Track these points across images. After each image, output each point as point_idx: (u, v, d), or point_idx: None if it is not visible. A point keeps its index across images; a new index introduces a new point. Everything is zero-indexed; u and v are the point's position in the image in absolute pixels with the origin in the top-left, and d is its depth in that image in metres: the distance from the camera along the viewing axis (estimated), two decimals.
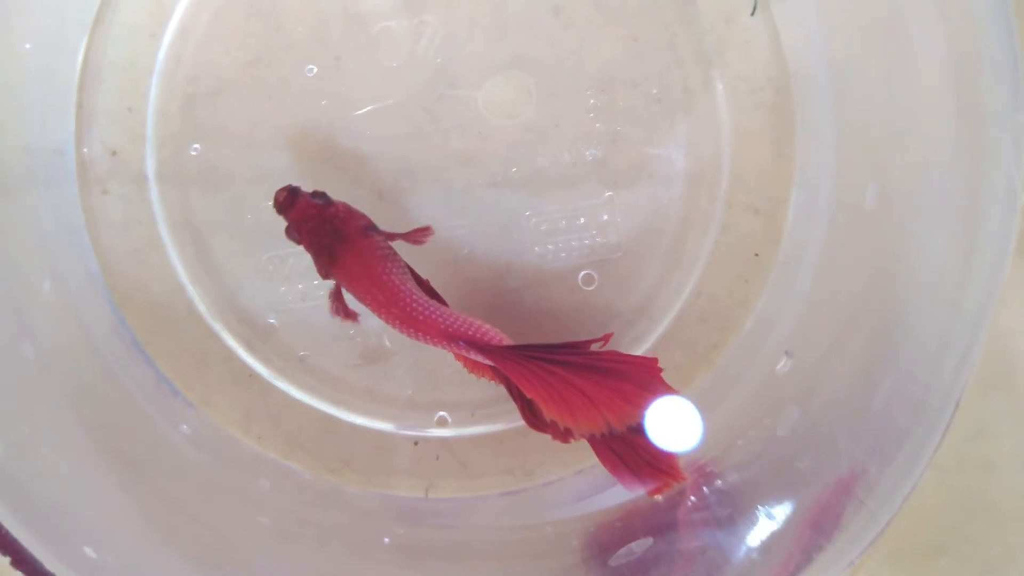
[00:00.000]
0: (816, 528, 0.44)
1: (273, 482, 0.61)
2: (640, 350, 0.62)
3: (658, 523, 0.54)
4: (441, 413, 0.62)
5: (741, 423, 0.54)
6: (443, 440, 0.63)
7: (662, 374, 0.50)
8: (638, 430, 0.50)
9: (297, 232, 0.54)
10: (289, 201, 0.54)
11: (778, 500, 0.46)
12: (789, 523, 0.45)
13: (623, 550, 0.51)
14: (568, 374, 0.50)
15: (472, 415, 0.62)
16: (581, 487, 0.61)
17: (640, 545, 0.51)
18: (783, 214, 0.60)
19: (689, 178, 0.61)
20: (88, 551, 0.49)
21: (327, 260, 0.54)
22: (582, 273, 0.61)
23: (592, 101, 0.61)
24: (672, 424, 0.50)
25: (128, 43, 0.61)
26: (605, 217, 0.60)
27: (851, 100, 0.56)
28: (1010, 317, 0.61)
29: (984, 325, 0.42)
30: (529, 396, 0.51)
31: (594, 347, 0.52)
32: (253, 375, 0.62)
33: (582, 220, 0.60)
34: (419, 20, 0.60)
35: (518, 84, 0.61)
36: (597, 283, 0.61)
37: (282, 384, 0.62)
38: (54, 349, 0.57)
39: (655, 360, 0.50)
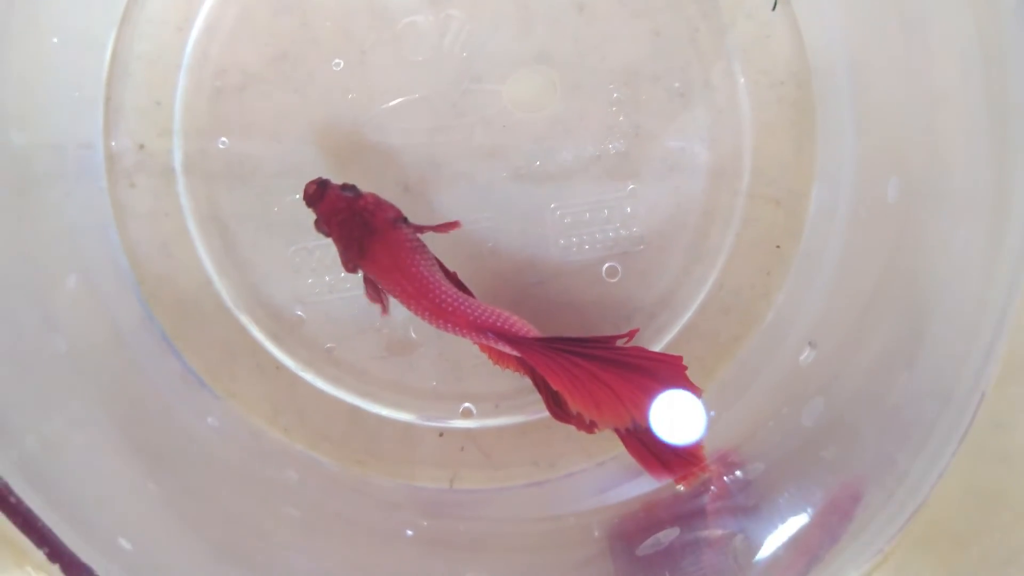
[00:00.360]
0: (844, 515, 0.45)
1: (300, 474, 0.62)
2: (662, 342, 0.62)
3: (683, 512, 0.55)
4: (466, 404, 0.63)
5: (764, 414, 0.55)
6: (468, 431, 0.63)
7: (687, 372, 0.51)
8: None
9: (327, 225, 0.55)
10: (319, 194, 0.55)
11: (804, 489, 0.47)
12: (815, 512, 0.46)
13: (650, 540, 0.52)
14: (594, 367, 0.51)
15: (496, 406, 0.63)
16: (604, 478, 0.62)
17: (667, 535, 0.52)
18: (804, 207, 0.61)
19: (711, 171, 0.61)
20: (123, 542, 0.50)
21: (357, 253, 0.54)
22: (605, 265, 0.61)
23: (615, 95, 0.61)
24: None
25: (155, 38, 0.61)
26: (628, 210, 0.61)
27: (872, 94, 0.57)
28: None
29: (1010, 316, 0.43)
30: (555, 388, 0.52)
31: (619, 343, 0.53)
32: (280, 367, 0.63)
33: (606, 212, 0.61)
34: (445, 15, 0.61)
35: (542, 78, 0.61)
36: (620, 275, 0.62)
37: (308, 376, 0.63)
38: (83, 342, 0.58)
39: (680, 358, 0.51)
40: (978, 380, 0.44)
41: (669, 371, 0.51)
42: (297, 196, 0.57)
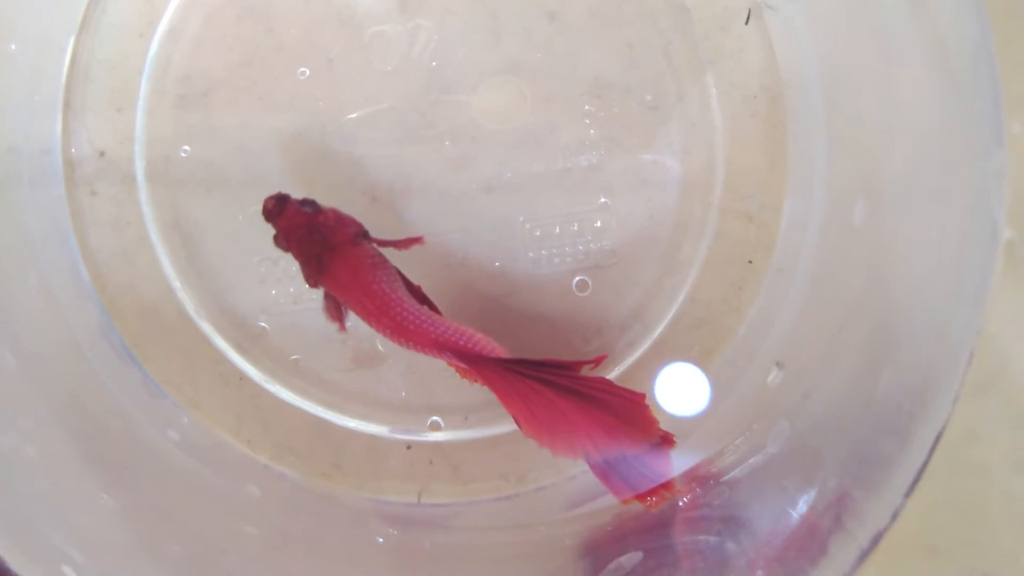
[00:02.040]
0: (802, 551, 0.44)
1: (262, 487, 0.61)
2: (634, 355, 0.62)
3: (652, 524, 0.55)
4: (434, 418, 0.62)
5: (732, 435, 0.55)
6: (436, 444, 0.62)
7: (649, 412, 0.50)
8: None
9: (286, 240, 0.54)
10: (277, 209, 0.53)
11: (767, 519, 0.47)
12: (775, 543, 0.45)
13: (612, 565, 0.51)
14: (554, 396, 0.50)
15: (465, 419, 0.62)
16: (575, 492, 0.62)
17: (630, 559, 0.51)
18: (776, 222, 0.60)
19: (683, 185, 0.61)
20: (76, 557, 0.49)
21: (316, 269, 0.53)
22: (576, 279, 0.61)
23: (587, 107, 0.60)
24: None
25: (117, 43, 0.60)
26: (599, 223, 0.60)
27: (842, 111, 0.56)
28: (999, 321, 0.61)
29: (967, 353, 0.42)
30: (510, 412, 0.51)
31: (585, 369, 0.52)
32: (244, 378, 0.62)
33: (576, 226, 0.60)
34: (414, 24, 0.60)
35: (513, 89, 0.60)
36: (591, 289, 0.61)
37: (273, 387, 0.62)
38: (39, 353, 0.56)
39: (643, 396, 0.50)
40: (935, 419, 0.43)
41: (629, 409, 0.50)
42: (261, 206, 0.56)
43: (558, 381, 0.51)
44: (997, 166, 0.41)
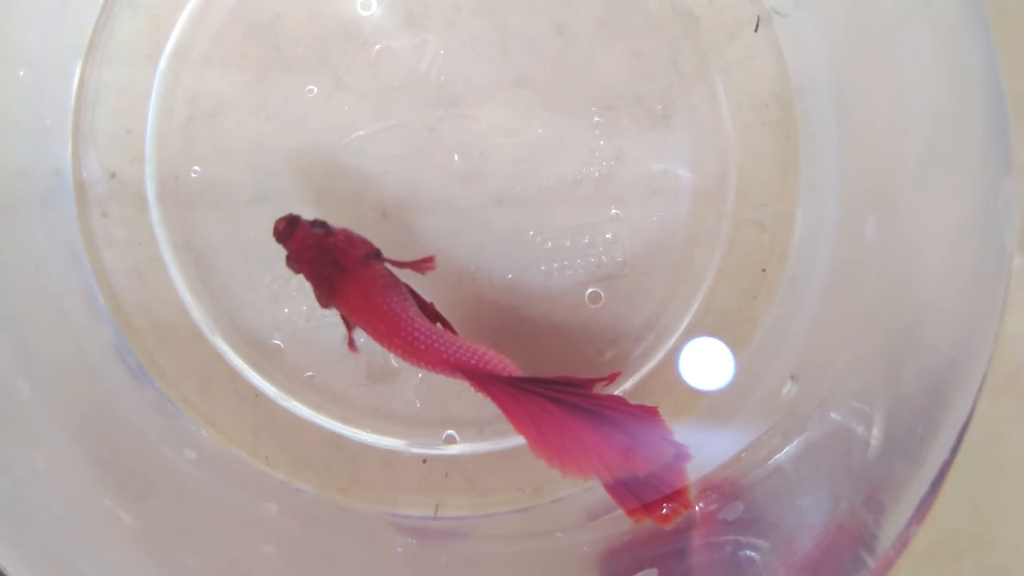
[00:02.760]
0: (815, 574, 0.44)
1: (280, 504, 0.61)
2: (648, 366, 0.61)
3: (668, 538, 0.54)
4: (449, 431, 0.62)
5: (747, 449, 0.54)
6: (451, 457, 0.62)
7: (663, 427, 0.50)
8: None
9: (297, 262, 0.54)
10: (288, 231, 0.53)
11: (782, 538, 0.46)
12: (789, 563, 0.45)
13: None
14: (563, 414, 0.50)
15: (480, 431, 0.62)
16: (592, 503, 0.61)
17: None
18: (790, 230, 0.60)
19: (695, 194, 0.60)
20: None
21: (327, 291, 0.53)
22: (588, 291, 0.61)
23: (596, 119, 0.60)
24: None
25: (124, 66, 0.60)
26: (610, 235, 0.60)
27: (853, 118, 0.56)
28: (1018, 321, 0.61)
29: (979, 376, 0.42)
30: (519, 431, 0.51)
31: (598, 387, 0.52)
32: (259, 395, 0.62)
33: (587, 238, 0.60)
34: (420, 39, 0.59)
35: (521, 102, 0.60)
36: (604, 300, 0.61)
37: (289, 404, 0.62)
38: (54, 375, 0.57)
39: (656, 411, 0.50)
40: (946, 442, 0.42)
41: (642, 427, 0.50)
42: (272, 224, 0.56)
43: (569, 399, 0.51)
44: (1007, 192, 0.41)
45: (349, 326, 0.57)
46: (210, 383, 0.62)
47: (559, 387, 0.52)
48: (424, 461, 0.62)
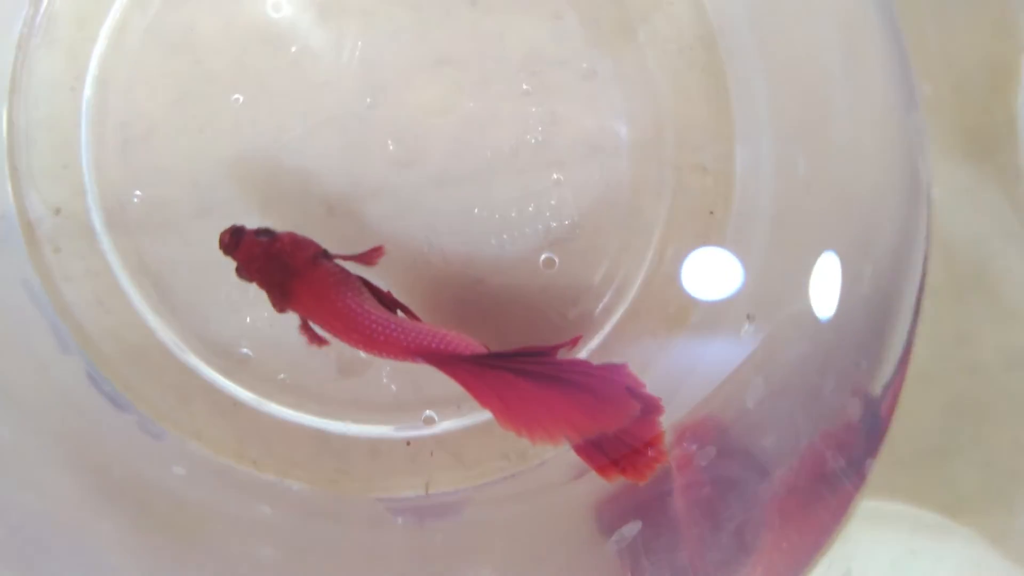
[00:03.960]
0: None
1: (273, 505, 0.62)
2: (613, 321, 0.62)
3: (649, 490, 0.55)
4: (428, 412, 0.63)
5: (714, 392, 0.55)
6: (434, 436, 0.64)
7: (631, 381, 0.50)
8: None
9: (247, 272, 0.54)
10: (233, 242, 0.54)
11: (752, 477, 0.47)
12: (762, 500, 0.46)
13: (615, 537, 0.53)
14: (527, 384, 0.50)
15: (458, 408, 0.63)
16: (576, 461, 0.61)
17: (630, 530, 0.52)
18: (731, 170, 0.60)
19: (634, 147, 0.60)
20: None
21: (281, 295, 0.54)
22: (542, 257, 0.61)
23: (524, 86, 0.60)
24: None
25: (50, 101, 0.60)
26: (554, 201, 0.60)
27: (774, 51, 0.56)
28: (980, 222, 0.61)
29: (911, 309, 0.42)
30: (486, 407, 0.52)
31: (562, 353, 0.52)
32: (237, 403, 0.63)
33: (532, 207, 0.60)
34: (337, 33, 0.59)
35: (447, 80, 0.60)
36: (559, 264, 0.61)
37: (268, 407, 0.63)
38: (34, 414, 0.58)
39: (624, 368, 0.50)
40: (892, 381, 0.43)
41: (607, 385, 0.50)
42: None
43: (532, 369, 0.52)
44: (916, 126, 0.41)
45: (307, 326, 0.57)
46: (188, 398, 0.63)
47: (521, 358, 0.52)
48: (408, 443, 0.63)
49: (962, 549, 0.50)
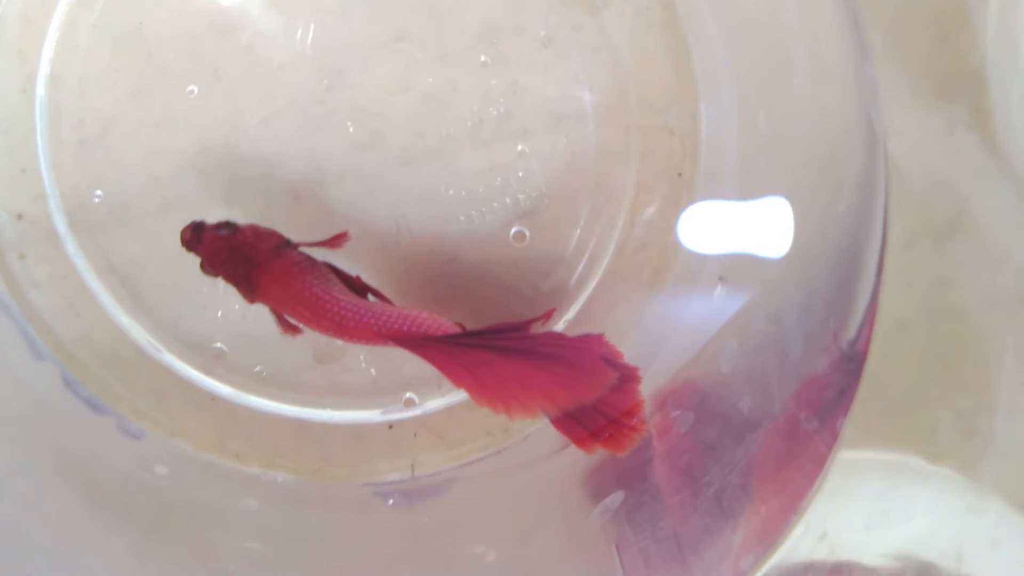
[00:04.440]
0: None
1: (259, 498, 0.62)
2: (587, 290, 0.62)
3: (630, 459, 0.55)
4: (408, 394, 0.62)
5: (690, 354, 0.55)
6: (416, 418, 0.63)
7: (606, 350, 0.50)
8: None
9: (211, 267, 0.54)
10: (195, 239, 0.53)
11: (730, 441, 0.47)
12: (740, 465, 0.46)
13: (599, 508, 0.52)
14: (500, 360, 0.50)
15: (439, 387, 0.63)
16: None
17: (613, 500, 0.52)
18: (697, 129, 0.59)
19: (598, 112, 0.60)
20: None
21: (247, 288, 0.53)
22: (513, 231, 0.60)
23: (483, 58, 0.59)
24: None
25: (1, 105, 0.59)
26: (521, 174, 0.60)
27: (730, 6, 0.55)
28: (954, 166, 0.60)
29: (875, 266, 0.41)
30: (458, 386, 0.51)
31: (535, 327, 0.52)
32: (216, 398, 0.62)
33: (499, 180, 0.59)
34: (288, 16, 0.58)
35: (404, 56, 0.59)
36: (529, 237, 0.60)
37: (246, 400, 0.62)
38: (11, 425, 0.57)
39: (600, 338, 0.50)
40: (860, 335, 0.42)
41: (581, 356, 0.50)
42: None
43: (505, 344, 0.51)
44: (869, 78, 0.40)
45: (279, 316, 0.57)
46: (165, 397, 0.62)
47: (494, 335, 0.52)
48: (390, 427, 0.63)
49: (933, 501, 0.50)
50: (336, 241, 0.55)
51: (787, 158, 0.52)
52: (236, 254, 0.53)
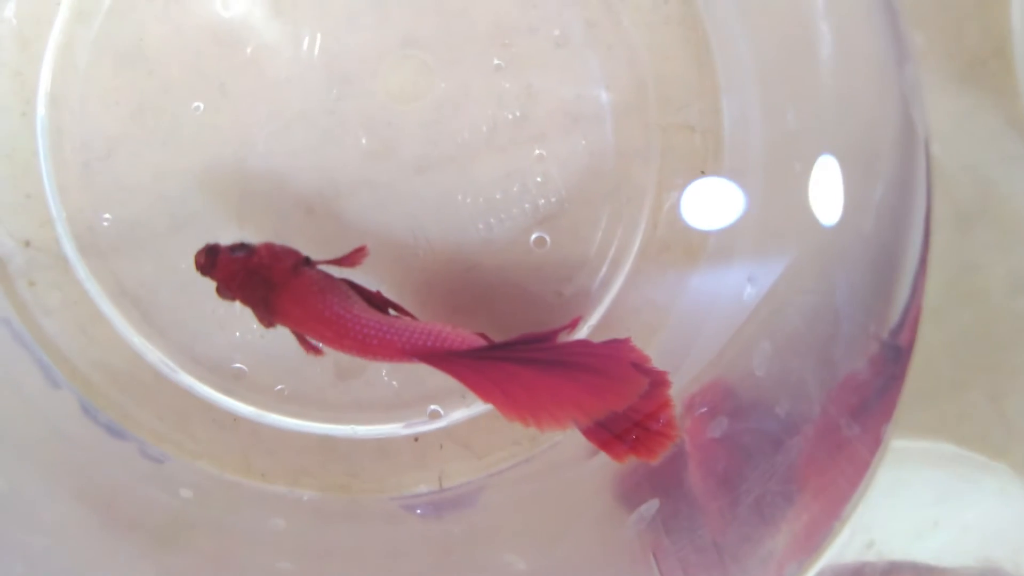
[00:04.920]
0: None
1: (287, 517, 0.61)
2: (611, 294, 0.60)
3: (664, 466, 0.54)
4: (432, 406, 0.61)
5: (720, 357, 0.53)
6: (442, 429, 0.62)
7: (634, 356, 0.48)
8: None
9: (227, 290, 0.52)
10: (209, 262, 0.52)
11: (767, 448, 0.46)
12: (779, 471, 0.44)
13: (634, 516, 0.51)
14: (529, 373, 0.49)
15: (463, 398, 0.61)
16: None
17: (648, 508, 0.51)
18: (719, 125, 0.57)
19: (616, 112, 0.58)
20: None
21: (265, 311, 0.52)
22: (533, 237, 0.59)
23: (496, 61, 0.57)
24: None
25: (1, 129, 0.57)
26: (540, 178, 0.58)
27: None
28: (979, 149, 0.59)
29: (913, 270, 0.40)
30: (486, 401, 0.50)
31: (562, 337, 0.50)
32: (238, 418, 0.61)
33: (517, 187, 0.58)
34: (293, 26, 0.56)
35: (415, 63, 0.57)
36: (550, 242, 0.59)
37: (269, 419, 0.61)
38: (32, 457, 0.56)
39: (626, 343, 0.49)
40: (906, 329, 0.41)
41: (615, 365, 0.49)
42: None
43: (533, 356, 0.50)
44: (910, 78, 0.38)
45: (300, 337, 0.55)
46: (186, 419, 0.61)
47: (520, 347, 0.51)
48: (416, 440, 0.62)
49: (989, 496, 0.49)
50: (354, 258, 0.53)
51: (817, 151, 0.50)
52: (253, 276, 0.51)
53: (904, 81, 0.39)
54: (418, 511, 0.62)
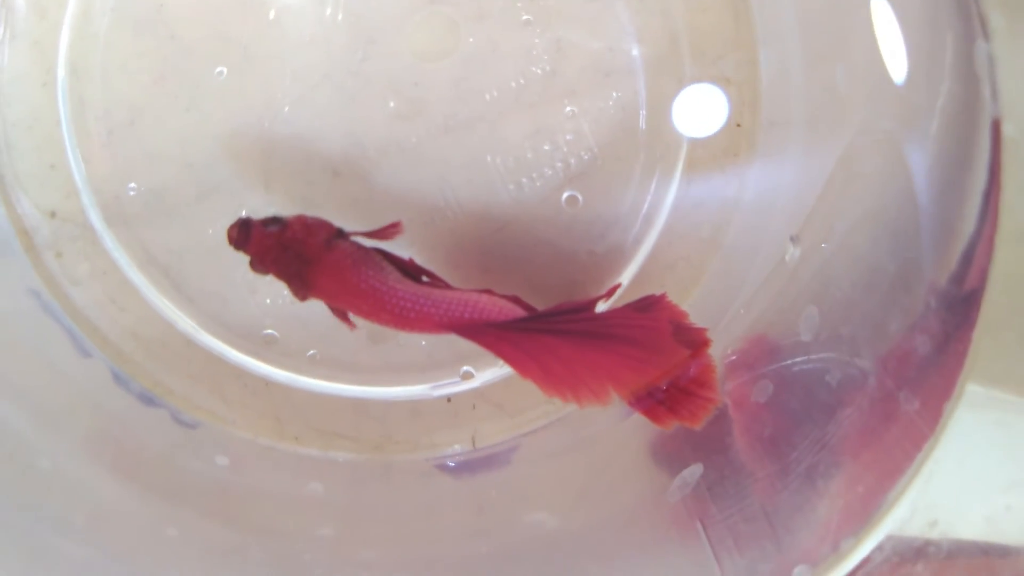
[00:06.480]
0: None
1: (324, 481, 0.61)
2: (643, 251, 0.59)
3: (707, 430, 0.53)
4: (465, 367, 0.61)
5: (762, 322, 0.53)
6: (474, 390, 0.62)
7: (675, 321, 0.48)
8: None
9: (261, 265, 0.51)
10: (243, 237, 0.51)
11: (818, 414, 0.45)
12: (829, 440, 0.44)
13: (676, 482, 0.51)
14: (569, 348, 0.48)
15: (495, 358, 0.61)
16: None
17: (692, 474, 0.51)
18: (756, 77, 0.56)
19: (648, 65, 0.56)
20: None
21: (300, 285, 0.51)
22: (565, 195, 0.58)
23: (524, 16, 0.55)
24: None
25: (24, 100, 0.56)
26: (570, 136, 0.57)
27: None
28: None
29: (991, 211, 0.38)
30: (526, 377, 0.49)
31: (601, 305, 0.50)
32: (270, 383, 0.61)
33: (548, 146, 0.57)
34: None
35: (441, 20, 0.56)
36: (583, 200, 0.58)
37: (302, 383, 0.61)
38: (67, 430, 0.56)
39: (664, 297, 0.48)
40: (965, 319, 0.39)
41: (656, 336, 0.48)
42: (228, 217, 0.53)
43: (572, 328, 0.49)
44: (982, 56, 0.36)
45: (336, 311, 0.55)
46: (219, 385, 0.61)
47: (558, 317, 0.50)
48: (448, 400, 0.62)
49: None
50: (387, 232, 0.52)
51: (864, 102, 0.48)
52: (287, 251, 0.50)
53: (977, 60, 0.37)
54: (451, 465, 0.62)
